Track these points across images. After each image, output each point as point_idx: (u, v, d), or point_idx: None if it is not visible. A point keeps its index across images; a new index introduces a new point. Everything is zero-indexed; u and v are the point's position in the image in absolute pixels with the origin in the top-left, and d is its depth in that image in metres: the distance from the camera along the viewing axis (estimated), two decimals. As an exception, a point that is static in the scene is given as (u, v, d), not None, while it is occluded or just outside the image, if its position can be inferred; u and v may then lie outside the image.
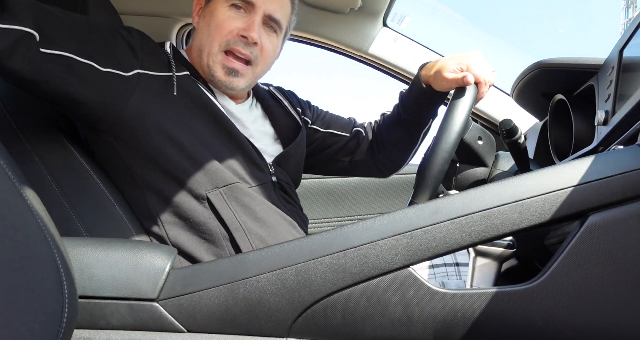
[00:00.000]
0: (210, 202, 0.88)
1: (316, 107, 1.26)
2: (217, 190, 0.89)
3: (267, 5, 0.97)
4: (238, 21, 0.96)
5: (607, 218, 0.59)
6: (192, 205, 0.88)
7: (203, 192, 0.88)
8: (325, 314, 0.62)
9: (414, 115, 1.14)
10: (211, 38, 0.96)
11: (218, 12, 0.97)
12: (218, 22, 0.96)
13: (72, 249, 0.65)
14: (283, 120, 1.12)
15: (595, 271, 0.59)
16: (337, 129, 1.23)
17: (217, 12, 0.97)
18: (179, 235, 0.88)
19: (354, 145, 1.23)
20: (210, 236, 0.88)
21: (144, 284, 0.64)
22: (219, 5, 0.97)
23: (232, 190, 0.90)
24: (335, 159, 1.24)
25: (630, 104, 0.70)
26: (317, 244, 0.63)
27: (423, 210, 0.63)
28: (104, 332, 0.63)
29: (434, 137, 0.81)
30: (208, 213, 0.89)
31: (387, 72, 1.77)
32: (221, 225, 0.89)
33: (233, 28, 0.95)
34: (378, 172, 1.27)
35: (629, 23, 0.84)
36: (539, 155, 1.22)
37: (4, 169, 0.55)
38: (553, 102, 1.07)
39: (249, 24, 0.96)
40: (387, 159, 1.23)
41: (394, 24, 1.75)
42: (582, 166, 0.62)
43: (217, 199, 0.89)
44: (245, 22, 0.96)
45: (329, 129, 1.23)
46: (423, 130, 1.17)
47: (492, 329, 0.60)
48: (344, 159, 1.24)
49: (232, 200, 0.90)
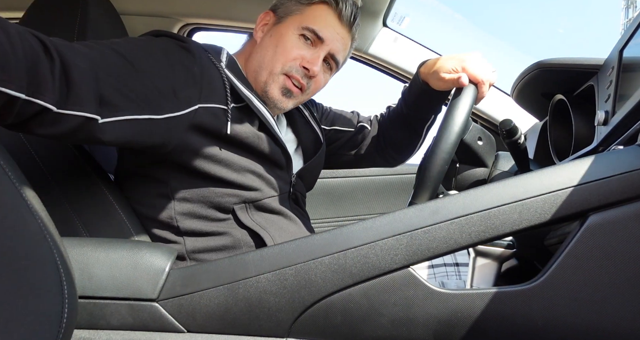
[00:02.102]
0: (235, 215, 0.91)
1: (320, 105, 1.28)
2: (244, 205, 0.92)
3: (333, 44, 1.01)
4: (304, 51, 0.99)
5: (607, 218, 0.59)
6: (217, 217, 0.90)
7: (230, 205, 0.91)
8: (325, 314, 0.62)
9: (416, 112, 1.16)
10: (275, 59, 0.99)
11: (288, 38, 0.99)
12: (286, 47, 0.99)
13: (72, 249, 0.65)
14: (305, 132, 1.15)
15: (595, 271, 0.59)
16: (341, 125, 1.26)
17: (287, 36, 0.99)
18: (196, 242, 0.89)
19: (358, 139, 1.25)
20: (231, 243, 0.89)
21: (144, 284, 0.64)
22: (290, 30, 1.00)
23: (258, 205, 0.93)
24: (340, 153, 1.26)
25: (630, 104, 0.70)
26: (317, 244, 0.63)
27: (423, 211, 0.63)
28: (104, 332, 0.63)
29: (434, 138, 0.81)
30: (232, 224, 0.91)
31: (387, 72, 1.77)
32: (247, 232, 0.90)
33: (298, 56, 0.99)
34: (385, 163, 1.29)
35: (629, 23, 0.84)
36: (539, 156, 1.22)
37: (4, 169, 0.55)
38: (553, 102, 1.07)
39: (314, 57, 0.99)
40: (393, 151, 1.25)
41: (394, 24, 1.75)
42: (582, 166, 0.62)
43: (241, 212, 0.91)
44: (311, 54, 0.99)
45: (334, 125, 1.25)
46: (426, 125, 1.19)
47: (492, 329, 0.60)
48: (349, 153, 1.26)
49: (255, 212, 0.92)
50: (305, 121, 1.17)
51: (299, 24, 1.00)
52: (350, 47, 1.08)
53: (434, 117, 1.18)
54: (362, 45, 1.72)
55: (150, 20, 1.71)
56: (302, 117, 1.17)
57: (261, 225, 0.91)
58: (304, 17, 1.00)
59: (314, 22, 0.99)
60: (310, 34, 0.99)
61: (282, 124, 1.12)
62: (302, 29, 0.99)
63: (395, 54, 1.73)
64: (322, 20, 1.00)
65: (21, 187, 0.56)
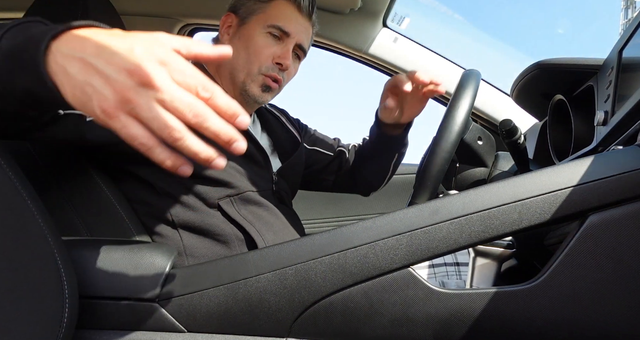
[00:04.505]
0: (222, 209, 0.93)
1: (305, 125, 1.34)
2: (228, 198, 0.94)
3: (299, 36, 1.06)
4: (274, 48, 1.03)
5: (607, 218, 0.59)
6: (206, 210, 0.92)
7: (215, 200, 0.93)
8: (326, 314, 0.62)
9: (381, 151, 1.22)
10: (250, 61, 1.03)
11: (257, 38, 1.03)
12: (257, 48, 1.02)
13: (72, 249, 0.65)
14: (281, 135, 1.19)
15: (595, 271, 0.59)
16: (321, 148, 1.31)
17: (255, 37, 1.03)
18: (191, 237, 0.91)
19: (336, 165, 1.31)
20: (223, 238, 0.91)
21: (144, 284, 0.64)
22: (257, 30, 1.04)
23: (242, 197, 0.95)
24: (320, 178, 1.31)
25: (630, 104, 0.70)
26: (317, 244, 0.63)
27: (423, 210, 0.63)
28: (104, 332, 0.63)
29: (434, 138, 0.81)
30: (221, 218, 0.93)
31: (386, 72, 1.77)
32: (235, 227, 0.93)
33: (270, 55, 1.03)
34: (359, 191, 1.35)
35: (629, 23, 0.84)
36: (539, 156, 1.22)
37: (4, 169, 0.55)
38: (553, 102, 1.08)
39: (284, 52, 1.04)
40: (369, 179, 1.30)
41: (394, 25, 1.76)
42: (582, 166, 0.62)
43: (227, 206, 0.94)
44: (280, 49, 1.04)
45: (315, 146, 1.30)
46: (392, 162, 1.25)
47: (492, 329, 0.60)
48: (328, 178, 1.32)
49: (242, 206, 0.95)
50: (281, 125, 1.22)
51: (263, 22, 1.03)
52: (312, 33, 1.14)
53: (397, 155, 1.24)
54: (362, 46, 1.72)
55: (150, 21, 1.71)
56: (277, 120, 1.22)
57: (247, 219, 0.93)
58: (267, 15, 1.04)
59: (277, 19, 1.03)
60: (276, 30, 1.03)
61: (256, 128, 1.16)
62: (268, 27, 1.03)
63: (395, 54, 1.73)
64: (285, 15, 1.04)
65: (22, 187, 0.56)
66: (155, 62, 0.46)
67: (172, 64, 0.46)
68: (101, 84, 0.45)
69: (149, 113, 0.45)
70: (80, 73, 0.46)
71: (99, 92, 0.45)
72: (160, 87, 0.45)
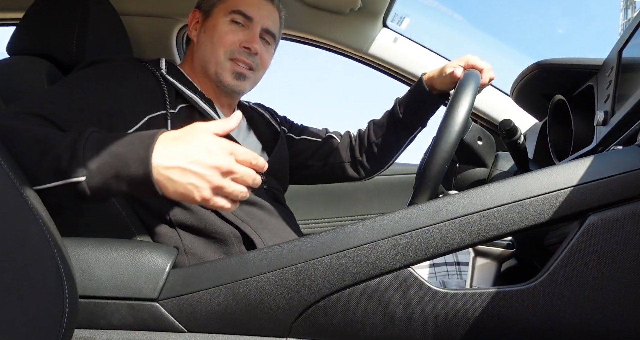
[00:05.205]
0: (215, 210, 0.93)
1: (292, 120, 1.34)
2: None
3: (263, 20, 1.07)
4: (239, 34, 1.04)
5: (606, 218, 0.60)
6: (201, 211, 0.92)
7: None
8: (326, 314, 0.62)
9: (408, 117, 1.20)
10: (216, 49, 1.03)
11: (220, 27, 1.04)
12: (221, 35, 1.03)
13: (72, 248, 0.65)
14: (265, 132, 1.20)
15: (595, 271, 0.59)
16: (309, 136, 1.31)
17: (218, 26, 1.04)
18: (190, 236, 0.91)
19: (327, 149, 1.30)
20: (221, 236, 0.91)
21: (144, 283, 0.64)
22: (219, 20, 1.05)
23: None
24: (308, 164, 1.29)
25: (630, 104, 0.70)
26: (317, 244, 0.63)
27: (423, 210, 0.63)
28: (104, 331, 0.63)
29: (434, 138, 0.81)
30: (215, 217, 0.93)
31: (386, 72, 1.77)
32: (232, 227, 0.93)
33: (236, 40, 1.04)
34: (353, 173, 1.31)
35: (628, 24, 0.84)
36: (539, 156, 1.22)
37: (4, 169, 0.55)
38: (552, 102, 1.08)
39: (250, 36, 1.04)
40: (368, 160, 1.28)
41: (394, 25, 1.75)
42: (582, 166, 0.62)
43: None
44: (246, 34, 1.05)
45: (302, 135, 1.31)
46: (410, 137, 1.24)
47: (492, 329, 0.60)
48: (317, 163, 1.30)
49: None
50: (266, 122, 1.23)
51: (225, 11, 1.05)
52: (280, 18, 1.14)
53: (419, 129, 1.24)
54: (362, 46, 1.72)
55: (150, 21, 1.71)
56: (262, 118, 1.23)
57: (242, 219, 0.93)
58: (228, 3, 1.06)
59: (238, 5, 1.05)
60: (238, 16, 1.04)
61: (241, 126, 1.16)
62: (230, 13, 1.04)
63: (395, 55, 1.73)
64: (245, 1, 1.06)
65: (22, 187, 0.56)
66: (227, 154, 0.65)
67: (234, 150, 0.65)
68: (199, 181, 0.63)
69: (230, 189, 0.65)
70: (182, 177, 0.63)
71: (199, 187, 0.64)
72: (237, 172, 0.65)
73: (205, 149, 0.64)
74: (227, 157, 0.64)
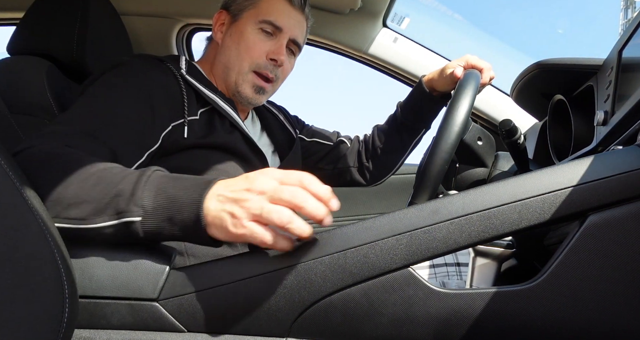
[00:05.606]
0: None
1: (303, 121, 1.33)
2: None
3: (292, 31, 1.04)
4: (267, 44, 1.02)
5: (607, 218, 0.59)
6: None
7: None
8: (325, 314, 0.62)
9: (410, 120, 1.20)
10: (241, 58, 1.01)
11: (248, 34, 1.01)
12: (249, 44, 1.01)
13: (72, 249, 0.65)
14: (279, 134, 1.18)
15: (595, 271, 0.59)
16: (321, 139, 1.30)
17: (247, 33, 1.02)
18: None
19: (337, 153, 1.29)
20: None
21: (144, 283, 0.64)
22: (248, 27, 1.02)
23: None
24: (318, 168, 1.29)
25: (630, 104, 0.70)
26: (317, 244, 0.63)
27: (423, 210, 0.63)
28: (104, 331, 0.63)
29: (434, 138, 0.81)
30: None
31: (386, 72, 1.77)
32: None
33: (263, 52, 1.01)
34: (362, 179, 1.32)
35: (628, 23, 0.84)
36: (539, 156, 1.22)
37: (4, 168, 0.55)
38: (552, 102, 1.08)
39: (277, 47, 1.02)
40: (374, 166, 1.28)
41: (394, 25, 1.76)
42: (582, 166, 0.62)
43: None
44: (274, 45, 1.02)
45: (314, 138, 1.30)
46: (414, 140, 1.24)
47: (492, 329, 0.60)
48: (327, 167, 1.30)
49: None
50: (280, 124, 1.21)
51: (255, 18, 1.02)
52: (307, 27, 1.11)
53: (424, 131, 1.23)
54: (362, 46, 1.72)
55: (150, 21, 1.71)
56: (275, 120, 1.21)
57: None
58: (259, 10, 1.03)
59: (269, 14, 1.02)
60: (268, 26, 1.02)
61: (256, 127, 1.15)
62: (260, 23, 1.02)
63: (395, 55, 1.73)
64: (276, 10, 1.02)
65: (22, 186, 0.56)
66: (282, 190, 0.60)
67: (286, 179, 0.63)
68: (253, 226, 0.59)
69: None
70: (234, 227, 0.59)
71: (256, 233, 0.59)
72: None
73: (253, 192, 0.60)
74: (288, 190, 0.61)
